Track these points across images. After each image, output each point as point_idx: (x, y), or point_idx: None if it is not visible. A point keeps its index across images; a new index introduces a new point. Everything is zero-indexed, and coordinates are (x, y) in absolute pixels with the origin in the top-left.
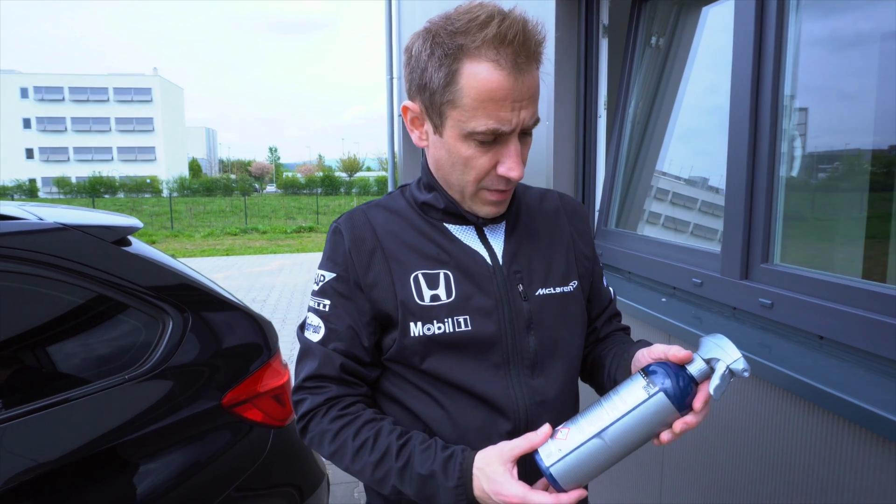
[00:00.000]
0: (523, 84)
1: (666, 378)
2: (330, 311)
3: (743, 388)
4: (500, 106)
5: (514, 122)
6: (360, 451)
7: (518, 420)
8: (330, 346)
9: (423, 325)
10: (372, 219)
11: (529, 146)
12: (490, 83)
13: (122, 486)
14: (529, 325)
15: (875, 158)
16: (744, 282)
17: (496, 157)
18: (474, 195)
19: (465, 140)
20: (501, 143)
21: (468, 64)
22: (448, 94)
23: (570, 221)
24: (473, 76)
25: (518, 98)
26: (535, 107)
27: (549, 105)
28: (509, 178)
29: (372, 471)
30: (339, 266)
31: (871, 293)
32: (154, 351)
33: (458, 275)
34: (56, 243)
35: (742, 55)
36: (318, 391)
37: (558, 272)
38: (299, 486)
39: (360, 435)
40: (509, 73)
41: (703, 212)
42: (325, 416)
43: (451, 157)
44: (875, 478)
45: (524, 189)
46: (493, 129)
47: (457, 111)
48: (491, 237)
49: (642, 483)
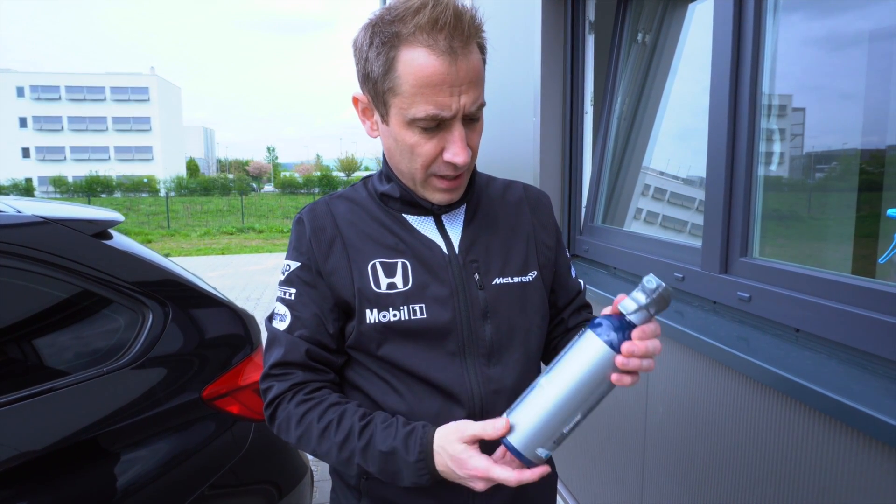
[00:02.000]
0: (461, 68)
1: (605, 323)
2: (295, 299)
3: (720, 381)
4: (439, 91)
5: (453, 107)
6: (324, 432)
7: (473, 408)
8: (295, 333)
9: (379, 313)
10: (334, 209)
11: (480, 132)
12: (426, 69)
13: (102, 477)
14: (485, 314)
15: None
16: (723, 276)
17: (441, 144)
18: (424, 182)
19: (408, 127)
20: (445, 129)
21: (404, 51)
22: (388, 81)
23: (532, 212)
24: (410, 63)
25: (456, 83)
26: (477, 91)
27: (535, 101)
28: (455, 164)
29: (337, 452)
30: (302, 255)
31: (846, 286)
32: (134, 343)
33: (416, 264)
34: (35, 236)
35: (721, 53)
36: (284, 378)
37: (517, 262)
38: (279, 481)
39: (325, 417)
40: (444, 58)
41: (691, 209)
42: (290, 402)
43: (398, 145)
44: (849, 469)
45: (488, 180)
46: (432, 115)
47: (398, 98)
48: (449, 227)
49: (623, 479)
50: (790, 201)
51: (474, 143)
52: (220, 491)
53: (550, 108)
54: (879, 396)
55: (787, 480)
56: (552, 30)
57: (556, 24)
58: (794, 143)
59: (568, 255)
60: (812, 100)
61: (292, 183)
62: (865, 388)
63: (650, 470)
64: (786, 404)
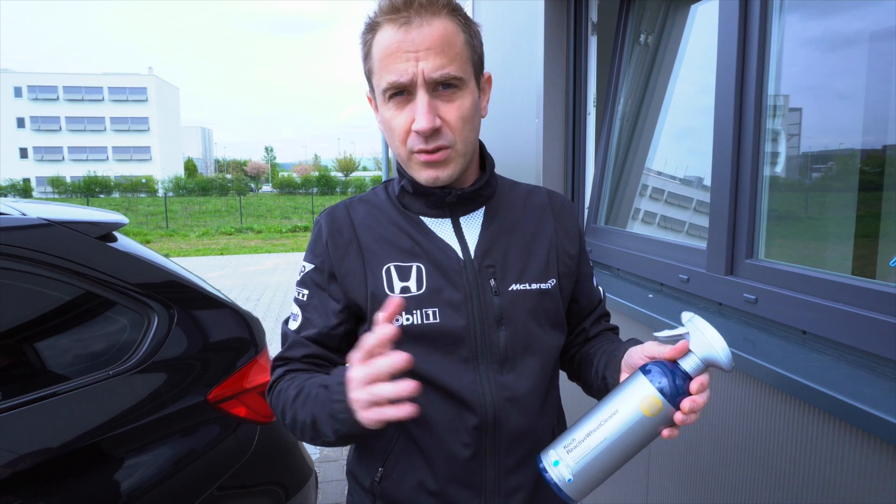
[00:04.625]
0: (416, 35)
1: (663, 377)
2: (307, 300)
3: (727, 383)
4: (395, 58)
5: (410, 71)
6: (294, 399)
7: (485, 415)
8: (302, 333)
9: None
10: (352, 213)
11: (461, 108)
12: (385, 40)
13: (107, 481)
14: (500, 321)
15: (864, 157)
16: (729, 277)
17: (411, 115)
18: (408, 161)
19: (385, 104)
20: (412, 100)
21: (377, 33)
22: (367, 64)
23: (556, 219)
24: (378, 42)
25: (411, 49)
26: (440, 59)
27: (538, 102)
28: (419, 132)
29: (291, 409)
30: (318, 258)
31: (853, 288)
32: (139, 347)
33: (430, 268)
34: (40, 239)
35: (726, 54)
36: (283, 365)
37: (536, 268)
38: (285, 483)
39: (296, 387)
40: (400, 27)
41: (692, 209)
42: (281, 383)
43: (384, 126)
44: (856, 471)
45: (511, 184)
46: (392, 83)
47: (374, 77)
48: (467, 230)
49: (629, 480)
50: (796, 202)
51: (451, 118)
52: (226, 492)
53: (553, 109)
54: (890, 399)
55: (794, 482)
56: (555, 31)
57: (558, 26)
58: (799, 143)
59: (591, 264)
60: (814, 100)
61: (290, 183)
62: (876, 391)
63: (655, 471)
64: (793, 406)
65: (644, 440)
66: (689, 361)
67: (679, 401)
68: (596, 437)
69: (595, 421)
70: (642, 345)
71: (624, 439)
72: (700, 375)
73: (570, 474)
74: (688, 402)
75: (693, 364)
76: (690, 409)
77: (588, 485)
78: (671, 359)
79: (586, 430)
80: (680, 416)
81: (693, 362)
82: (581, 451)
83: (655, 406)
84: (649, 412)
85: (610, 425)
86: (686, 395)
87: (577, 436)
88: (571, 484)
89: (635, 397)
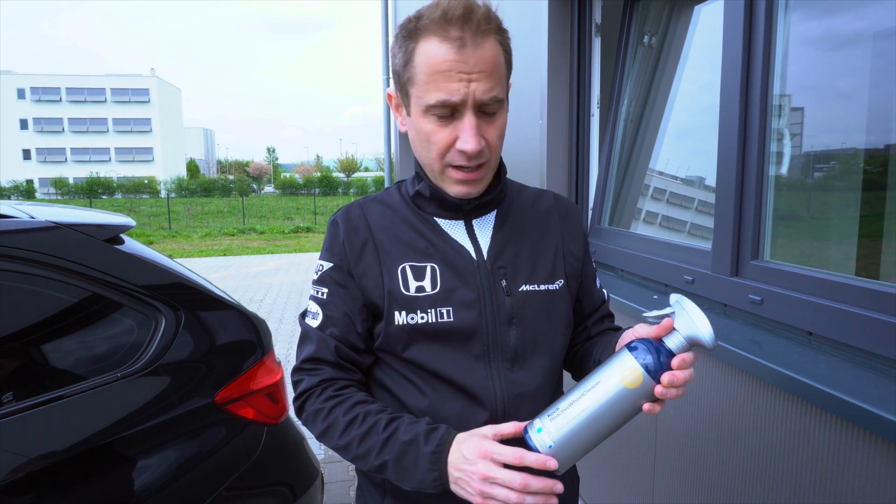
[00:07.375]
0: (470, 56)
1: (647, 354)
2: (327, 298)
3: (731, 383)
4: (448, 77)
5: (462, 92)
6: (349, 426)
7: (495, 410)
8: (327, 331)
9: (408, 315)
10: (367, 212)
11: (498, 129)
12: (437, 56)
13: (115, 483)
14: (511, 320)
15: (869, 157)
16: (734, 279)
17: (455, 132)
18: (441, 174)
19: (424, 116)
20: (458, 118)
21: (421, 43)
22: (407, 72)
23: (561, 222)
24: (424, 52)
25: (465, 70)
26: (490, 82)
27: (542, 103)
28: (466, 153)
29: (358, 443)
30: (335, 256)
31: (859, 289)
32: (147, 349)
33: (444, 268)
34: (48, 241)
35: (731, 54)
36: (314, 373)
37: (544, 270)
38: (292, 484)
39: (351, 412)
40: (454, 46)
41: (697, 210)
42: (319, 396)
43: (418, 135)
44: (863, 472)
45: (520, 188)
46: (442, 101)
47: (415, 88)
48: (479, 232)
49: (635, 480)
50: (800, 203)
51: (491, 137)
52: (234, 493)
53: (557, 110)
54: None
55: (800, 483)
56: (559, 32)
57: (562, 27)
58: (802, 143)
59: (594, 266)
60: (818, 99)
61: (292, 184)
62: (884, 392)
63: (661, 471)
64: (799, 407)
65: (625, 412)
66: (674, 339)
67: (661, 375)
68: (578, 407)
69: (578, 392)
70: (633, 328)
71: (604, 410)
72: (684, 353)
73: (552, 441)
74: (667, 375)
75: (677, 342)
76: (669, 382)
77: (570, 454)
78: (656, 337)
79: (570, 400)
80: (660, 389)
81: (677, 340)
82: (563, 419)
83: (636, 378)
84: (630, 384)
85: (591, 395)
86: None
87: (562, 405)
88: (553, 451)
89: (617, 370)
